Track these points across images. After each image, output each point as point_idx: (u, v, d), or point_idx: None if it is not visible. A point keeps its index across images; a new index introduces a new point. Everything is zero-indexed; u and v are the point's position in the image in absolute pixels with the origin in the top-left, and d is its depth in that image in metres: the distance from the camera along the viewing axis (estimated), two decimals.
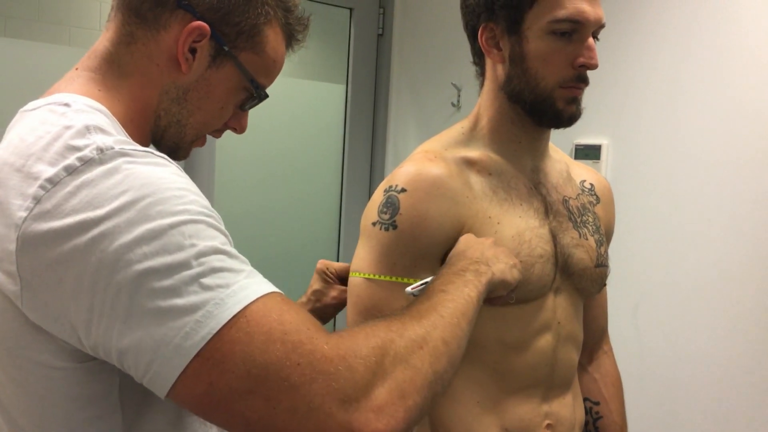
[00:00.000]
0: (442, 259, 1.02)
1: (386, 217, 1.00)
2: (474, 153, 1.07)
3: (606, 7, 1.82)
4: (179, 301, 0.57)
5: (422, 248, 1.00)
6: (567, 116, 1.05)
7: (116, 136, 0.65)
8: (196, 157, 2.13)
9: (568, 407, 1.12)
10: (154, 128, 0.78)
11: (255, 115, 0.86)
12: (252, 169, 2.35)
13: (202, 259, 0.59)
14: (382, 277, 0.97)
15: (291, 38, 0.83)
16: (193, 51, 0.74)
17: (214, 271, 0.60)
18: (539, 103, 1.04)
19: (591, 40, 1.02)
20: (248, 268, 0.64)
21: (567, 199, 1.12)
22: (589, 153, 1.99)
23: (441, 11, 2.35)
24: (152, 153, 0.66)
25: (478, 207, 1.03)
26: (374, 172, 2.45)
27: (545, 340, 1.07)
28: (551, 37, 1.00)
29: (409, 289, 0.92)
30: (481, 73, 1.12)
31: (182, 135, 0.79)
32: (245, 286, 0.60)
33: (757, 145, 1.67)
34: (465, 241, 0.94)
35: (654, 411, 1.87)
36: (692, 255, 1.79)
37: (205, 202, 0.65)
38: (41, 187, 0.61)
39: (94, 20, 3.23)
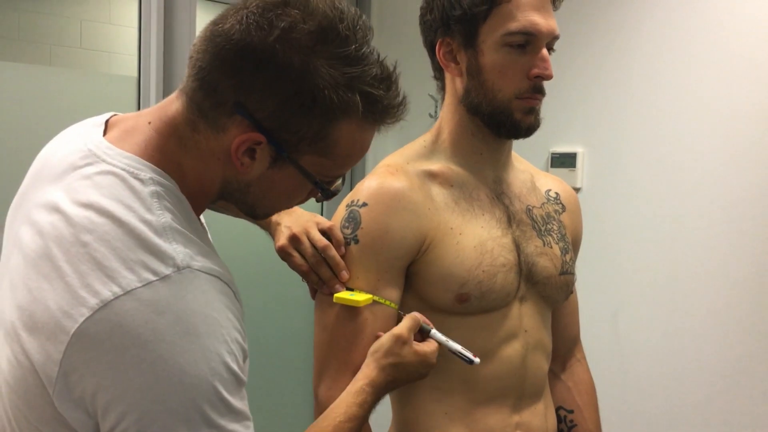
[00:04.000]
0: (404, 271, 1.03)
1: (348, 231, 1.01)
2: (436, 165, 1.08)
3: (581, 16, 1.85)
4: None
5: (385, 262, 1.01)
6: (525, 127, 1.06)
7: (192, 246, 0.68)
8: None
9: (540, 416, 1.12)
10: (228, 200, 0.79)
11: None
12: None
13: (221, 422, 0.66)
14: (348, 296, 0.98)
15: (379, 123, 0.76)
16: (252, 151, 0.72)
17: None
18: (497, 114, 1.05)
19: (545, 51, 1.03)
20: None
21: (531, 208, 1.13)
22: (564, 161, 2.00)
23: (416, 24, 2.37)
24: (218, 278, 0.69)
25: (440, 219, 1.04)
26: (355, 185, 2.45)
27: (513, 349, 1.07)
28: (505, 49, 1.02)
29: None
30: (442, 87, 1.13)
31: (253, 212, 0.81)
32: None
33: (734, 148, 1.69)
34: (413, 370, 0.97)
35: (635, 418, 1.87)
36: (670, 261, 1.80)
37: (237, 335, 0.70)
38: (112, 291, 0.63)
39: (75, 39, 3.24)
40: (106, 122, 0.78)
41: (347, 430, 0.89)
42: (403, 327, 0.96)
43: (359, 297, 0.98)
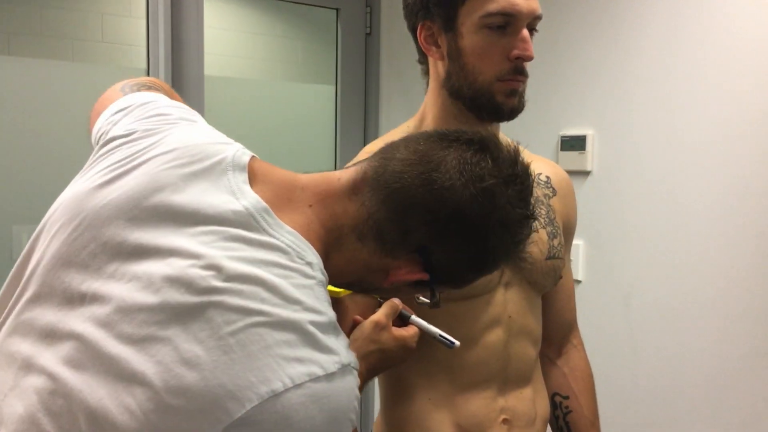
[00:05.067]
0: None
1: None
2: None
3: None
4: None
5: None
6: (508, 109, 1.04)
7: (345, 340, 0.69)
8: None
9: (527, 401, 1.11)
10: None
11: (244, 120, 0.87)
12: None
13: None
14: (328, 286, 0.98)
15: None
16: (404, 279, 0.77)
17: None
18: (478, 97, 1.03)
19: (525, 31, 1.01)
20: None
21: None
22: (574, 144, 1.97)
23: None
24: (357, 370, 0.70)
25: None
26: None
27: (495, 335, 1.07)
28: (485, 31, 1.00)
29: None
30: (426, 72, 1.12)
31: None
32: None
33: (749, 129, 1.64)
34: (396, 357, 0.96)
35: (647, 400, 1.84)
36: (682, 244, 1.76)
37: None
38: (282, 383, 0.61)
39: (96, 33, 3.29)
40: (249, 166, 0.74)
41: None
42: (381, 313, 0.95)
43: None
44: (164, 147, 0.75)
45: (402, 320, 0.99)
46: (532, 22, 1.03)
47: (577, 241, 1.98)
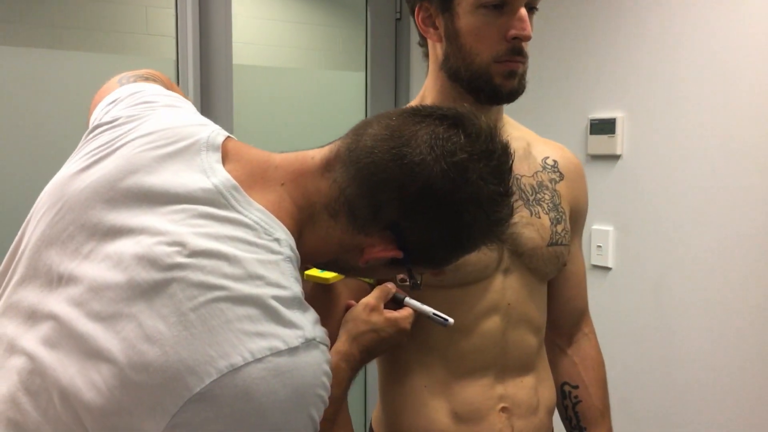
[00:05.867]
0: None
1: None
2: None
3: None
4: None
5: None
6: (506, 91, 1.01)
7: (312, 315, 0.69)
8: None
9: (527, 390, 1.09)
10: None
11: (273, 109, 0.88)
12: None
13: None
14: (318, 273, 0.97)
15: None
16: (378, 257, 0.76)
17: None
18: (475, 79, 1.01)
19: (523, 11, 0.98)
20: None
21: (518, 177, 1.09)
22: (604, 127, 1.91)
23: None
24: (327, 346, 0.70)
25: None
26: None
27: (493, 322, 1.05)
28: (481, 11, 0.98)
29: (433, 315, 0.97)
30: (426, 54, 1.10)
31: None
32: None
33: None
34: (392, 340, 0.95)
35: (679, 392, 1.78)
36: (714, 230, 1.70)
37: (327, 396, 0.70)
38: (242, 357, 0.62)
39: (141, 25, 3.37)
40: (223, 146, 0.75)
41: (330, 414, 0.86)
42: (372, 296, 0.95)
43: (329, 273, 0.97)
44: (142, 131, 0.77)
45: (396, 304, 0.99)
46: (532, 0, 1.00)
47: (607, 228, 1.93)
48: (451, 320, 0.95)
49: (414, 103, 1.10)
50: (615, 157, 1.91)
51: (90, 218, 0.70)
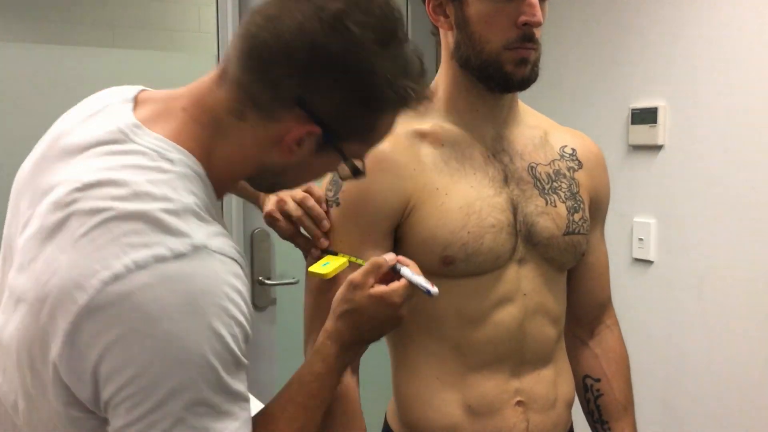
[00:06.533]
0: (391, 233, 1.02)
1: (331, 194, 1.02)
2: (427, 125, 1.05)
3: None
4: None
5: (366, 225, 1.00)
6: (518, 79, 1.00)
7: (210, 227, 0.70)
8: None
9: (545, 383, 1.07)
10: (251, 179, 0.83)
11: None
12: None
13: (221, 402, 0.68)
14: (319, 267, 0.97)
15: (408, 109, 0.81)
16: (300, 140, 0.75)
17: (219, 414, 0.68)
18: (486, 67, 1.00)
19: None
20: (245, 415, 0.71)
21: (534, 165, 1.07)
22: (645, 117, 1.86)
23: None
24: (234, 260, 0.70)
25: (426, 179, 1.01)
26: None
27: (507, 313, 1.03)
28: None
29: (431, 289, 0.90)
30: (438, 43, 1.09)
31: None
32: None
33: None
34: (380, 315, 0.89)
35: (723, 395, 1.72)
36: (761, 225, 1.63)
37: (242, 318, 0.70)
38: (125, 265, 0.64)
39: (194, 23, 3.45)
40: (135, 97, 0.79)
41: (315, 390, 0.86)
42: (359, 272, 0.90)
43: (330, 267, 0.96)
44: (76, 107, 0.83)
45: (394, 272, 0.92)
46: None
47: (649, 220, 1.87)
48: (434, 290, 0.88)
49: None
50: (657, 148, 1.85)
51: (31, 190, 0.76)
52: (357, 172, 0.81)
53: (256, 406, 1.91)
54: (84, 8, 3.10)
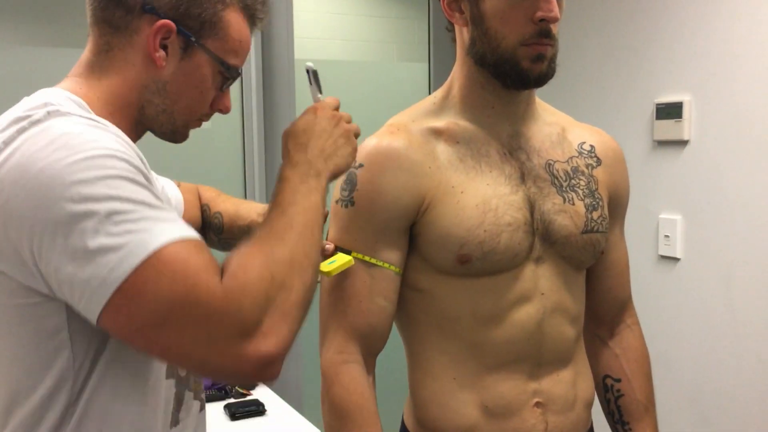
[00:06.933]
0: (406, 231, 1.02)
1: (345, 194, 1.02)
2: (442, 122, 1.05)
3: None
4: (106, 241, 0.67)
5: (380, 223, 1.00)
6: (534, 76, 0.99)
7: (74, 113, 0.76)
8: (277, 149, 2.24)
9: (564, 384, 1.06)
10: (144, 119, 0.87)
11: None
12: None
13: (130, 206, 0.69)
14: (326, 265, 0.98)
15: (253, 18, 0.90)
16: (164, 47, 0.83)
17: (140, 218, 0.69)
18: (502, 64, 0.99)
19: None
20: (172, 216, 0.73)
21: (552, 162, 1.06)
22: (670, 112, 1.82)
23: None
24: (96, 122, 0.76)
25: (442, 177, 1.01)
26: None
27: (525, 313, 1.02)
28: None
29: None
30: (453, 40, 1.09)
31: (173, 121, 0.89)
32: (164, 231, 0.69)
33: None
34: (305, 123, 0.89)
35: (751, 393, 1.68)
36: None
37: (137, 163, 0.74)
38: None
39: None
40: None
41: (293, 214, 0.80)
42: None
43: (334, 265, 0.97)
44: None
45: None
46: None
47: (675, 216, 1.84)
48: (310, 63, 0.97)
49: (442, 91, 1.09)
50: (682, 143, 1.82)
51: None
52: (231, 70, 0.87)
53: (278, 403, 1.90)
54: (82, 11, 3.14)
